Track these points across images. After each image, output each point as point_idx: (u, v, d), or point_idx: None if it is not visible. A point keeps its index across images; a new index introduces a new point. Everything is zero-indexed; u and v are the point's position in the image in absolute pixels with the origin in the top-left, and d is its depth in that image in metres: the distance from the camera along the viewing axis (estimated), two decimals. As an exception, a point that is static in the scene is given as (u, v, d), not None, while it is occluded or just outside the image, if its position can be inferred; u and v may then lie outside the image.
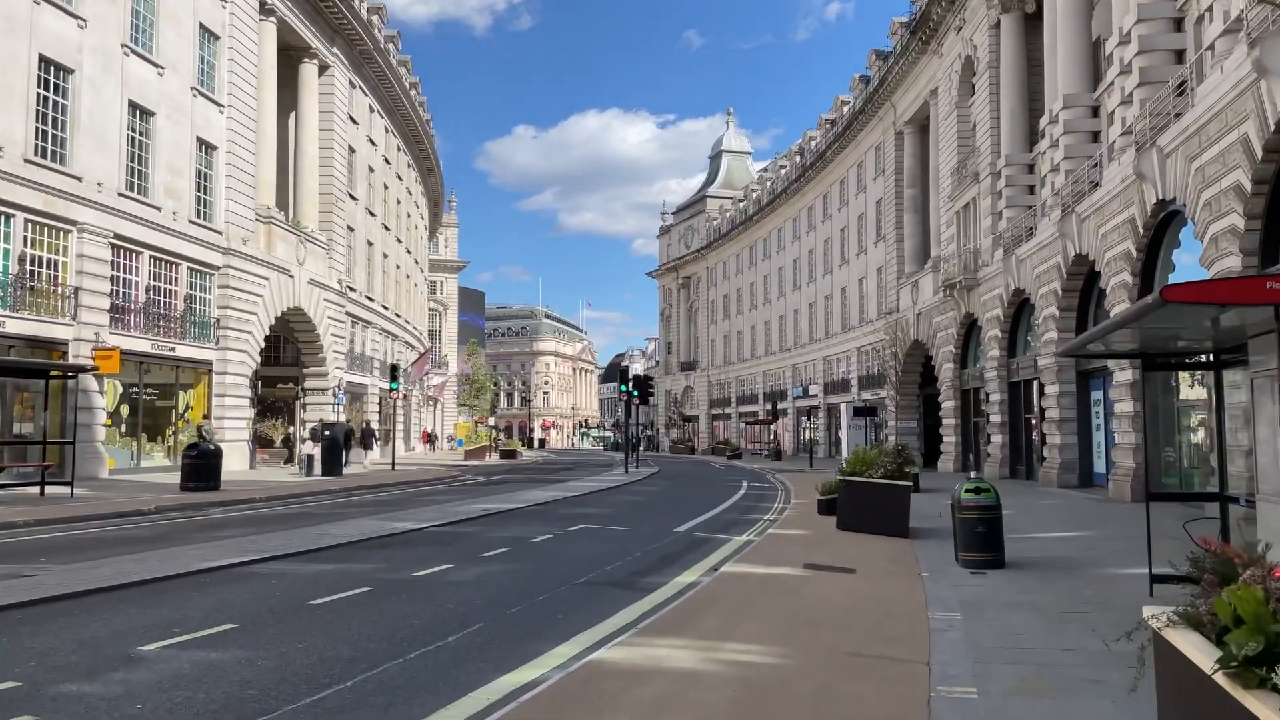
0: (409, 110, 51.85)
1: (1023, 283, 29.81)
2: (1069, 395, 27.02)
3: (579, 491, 24.24)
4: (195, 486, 21.05)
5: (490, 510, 17.51)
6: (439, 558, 11.34)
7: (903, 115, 46.12)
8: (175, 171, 28.47)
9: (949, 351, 37.77)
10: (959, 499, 11.45)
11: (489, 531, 14.15)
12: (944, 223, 39.37)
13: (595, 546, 12.72)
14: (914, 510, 17.69)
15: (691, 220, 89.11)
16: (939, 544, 13.40)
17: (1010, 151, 32.29)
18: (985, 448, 34.42)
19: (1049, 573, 10.85)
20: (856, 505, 15.08)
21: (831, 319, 58.75)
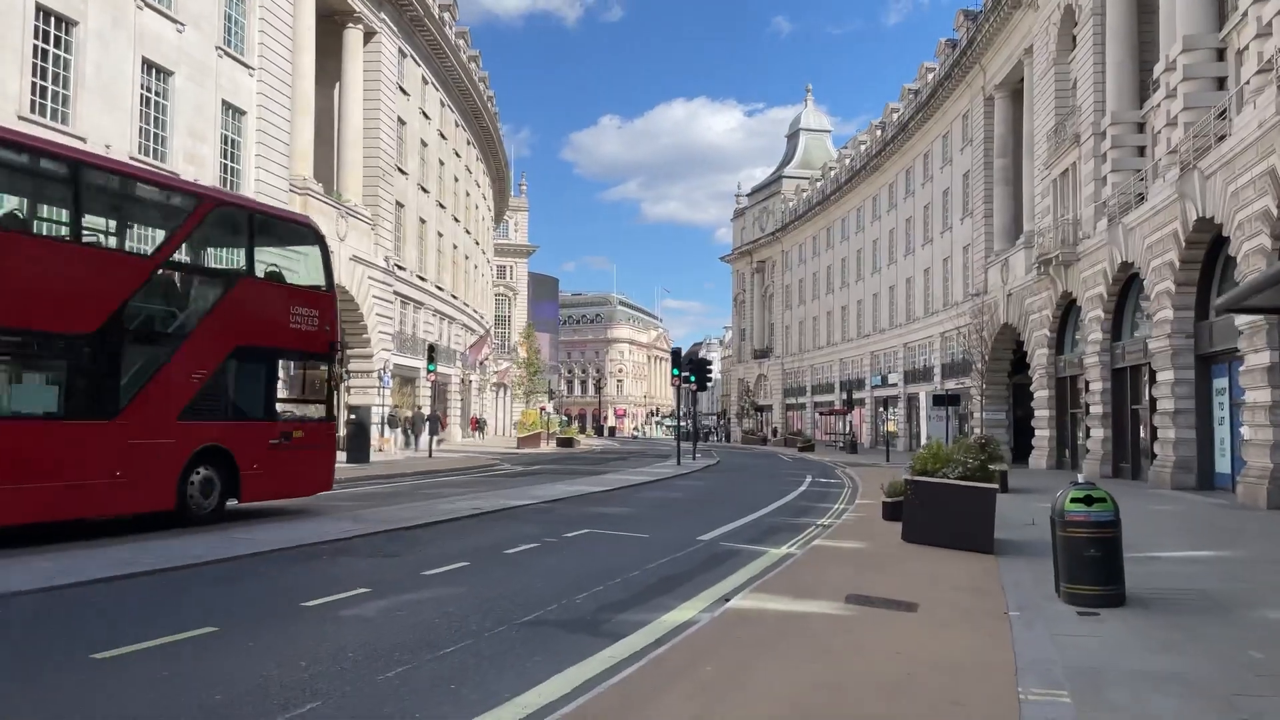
0: (467, 84, 49.81)
1: (1131, 255, 26.14)
2: (1186, 383, 23.37)
3: (610, 486, 21.63)
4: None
5: (483, 509, 15.00)
6: (367, 576, 8.83)
7: (993, 78, 42.22)
8: (197, 136, 26.68)
9: (1043, 335, 34.06)
10: (1062, 511, 8.50)
11: (457, 539, 11.52)
12: (1039, 193, 35.57)
13: (581, 562, 10.10)
14: (1000, 517, 14.65)
15: (766, 202, 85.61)
16: (1032, 564, 10.44)
17: (1117, 108, 28.49)
18: (1084, 442, 30.74)
19: (1188, 615, 7.85)
20: (927, 512, 12.13)
21: (913, 303, 54.98)
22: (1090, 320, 29.39)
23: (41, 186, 12.70)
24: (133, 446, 12.26)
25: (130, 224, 14.13)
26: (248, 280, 14.37)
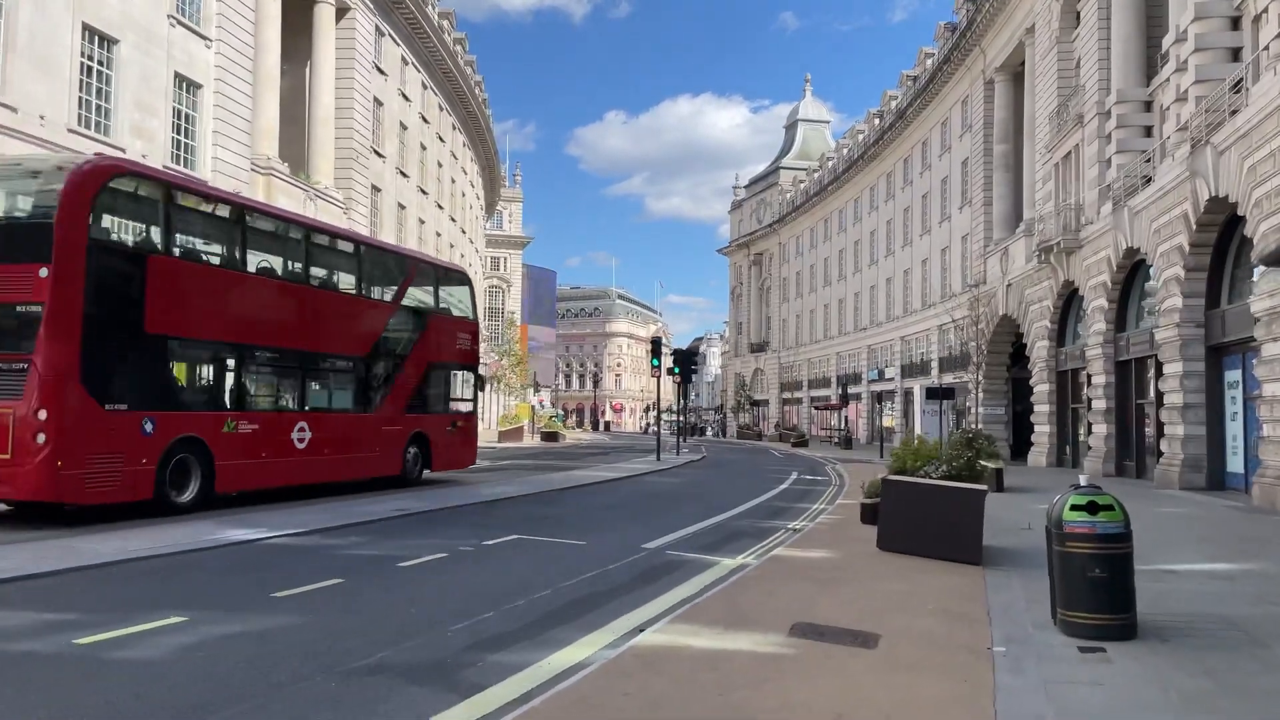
0: (451, 67, 48.15)
1: (1137, 240, 24.56)
2: (1195, 376, 21.81)
3: (572, 483, 20.11)
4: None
5: (409, 510, 13.42)
6: (203, 598, 7.28)
7: (993, 61, 40.59)
8: (146, 109, 25.10)
9: (1043, 327, 32.49)
10: (1060, 520, 6.97)
11: (351, 548, 9.89)
12: (1040, 178, 33.97)
13: (487, 578, 8.50)
14: (993, 520, 13.12)
15: (764, 194, 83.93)
16: (1026, 579, 8.92)
17: (1123, 86, 26.93)
18: (1085, 439, 29.18)
19: (1217, 652, 6.31)
20: (905, 517, 10.59)
21: (910, 295, 53.38)
22: (1093, 310, 27.82)
23: (337, 258, 18.66)
24: (382, 431, 18.40)
25: (380, 280, 19.61)
26: (436, 315, 20.72)
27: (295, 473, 15.87)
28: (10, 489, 11.58)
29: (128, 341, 12.69)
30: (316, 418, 16.43)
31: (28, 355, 11.56)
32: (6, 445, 11.43)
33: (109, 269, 12.50)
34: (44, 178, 13.02)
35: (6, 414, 11.44)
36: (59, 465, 11.43)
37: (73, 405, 11.75)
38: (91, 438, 11.93)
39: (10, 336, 11.91)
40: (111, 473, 12.19)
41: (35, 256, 11.68)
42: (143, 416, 12.73)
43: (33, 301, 11.72)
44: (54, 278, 11.63)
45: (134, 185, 13.67)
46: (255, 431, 14.90)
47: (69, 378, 11.76)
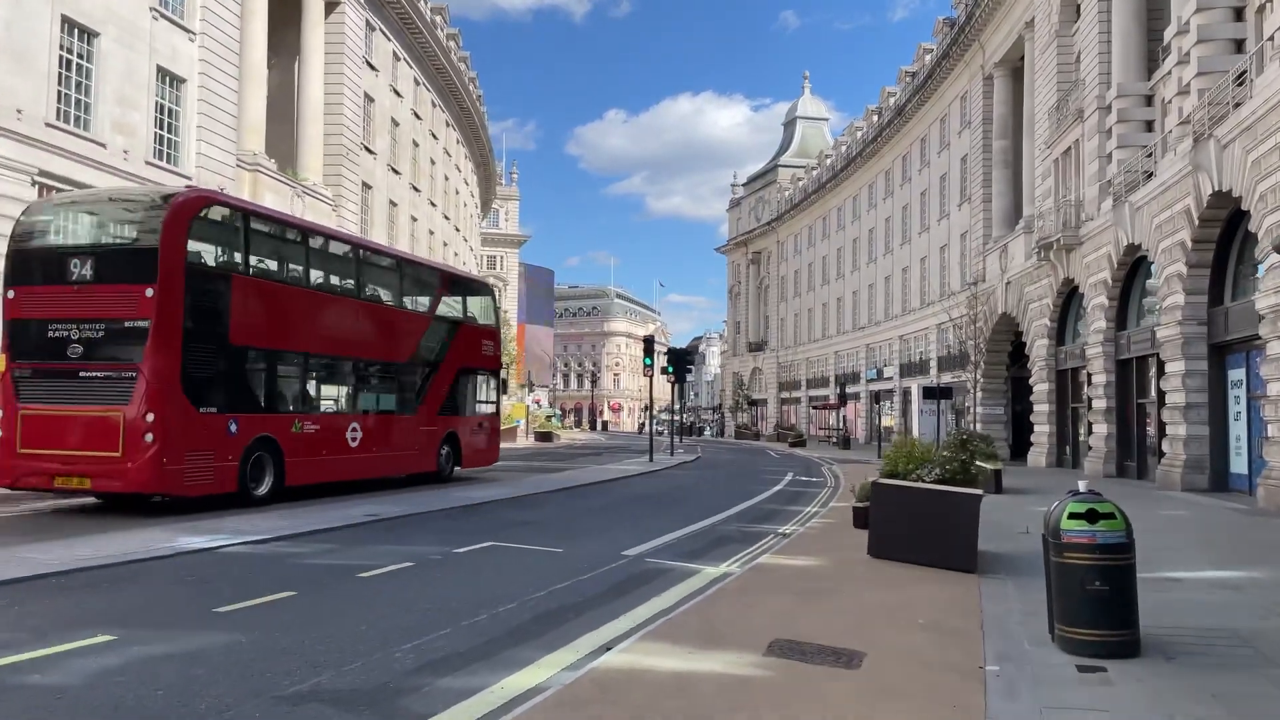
0: (444, 63, 47.64)
1: (1138, 236, 24.09)
2: (1198, 375, 21.34)
3: (557, 486, 19.66)
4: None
5: (381, 515, 12.90)
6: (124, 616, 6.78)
7: (992, 56, 40.12)
8: (127, 104, 24.62)
9: (1043, 325, 32.02)
10: (1057, 529, 6.50)
11: (310, 557, 9.36)
12: (1039, 175, 33.50)
13: (452, 590, 7.96)
14: (990, 523, 12.66)
15: (762, 192, 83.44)
16: (1023, 588, 8.46)
17: (1123, 80, 26.46)
18: (1086, 439, 28.72)
19: (1227, 672, 5.85)
20: (897, 522, 10.13)
21: (909, 293, 52.90)
22: (1093, 308, 27.35)
23: (382, 273, 20.04)
24: (420, 431, 20.00)
25: (417, 293, 21.19)
26: (464, 324, 22.37)
27: (348, 469, 17.67)
28: (120, 483, 13.02)
29: (216, 352, 14.31)
30: (366, 419, 18.20)
31: (135, 365, 13.08)
32: (117, 444, 12.87)
33: (201, 288, 14.07)
34: (146, 208, 14.53)
35: (116, 416, 12.91)
36: (164, 462, 12.96)
37: (174, 409, 13.28)
38: (189, 437, 13.49)
39: (118, 348, 13.33)
40: (205, 468, 13.79)
41: (141, 278, 13.17)
42: (229, 419, 14.36)
43: (139, 318, 13.16)
44: (158, 297, 13.13)
45: (220, 213, 15.31)
46: (317, 432, 16.60)
47: (171, 385, 13.29)
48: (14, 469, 13.37)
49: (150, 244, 13.50)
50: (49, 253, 14.20)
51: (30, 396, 13.51)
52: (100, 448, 12.99)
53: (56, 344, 13.41)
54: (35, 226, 14.60)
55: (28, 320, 13.71)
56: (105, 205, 15.43)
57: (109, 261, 13.76)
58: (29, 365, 13.64)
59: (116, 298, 13.28)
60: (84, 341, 13.36)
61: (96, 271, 13.52)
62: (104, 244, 14.39)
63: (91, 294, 13.42)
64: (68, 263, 13.68)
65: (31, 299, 13.77)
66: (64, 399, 13.36)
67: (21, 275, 14.02)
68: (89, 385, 13.32)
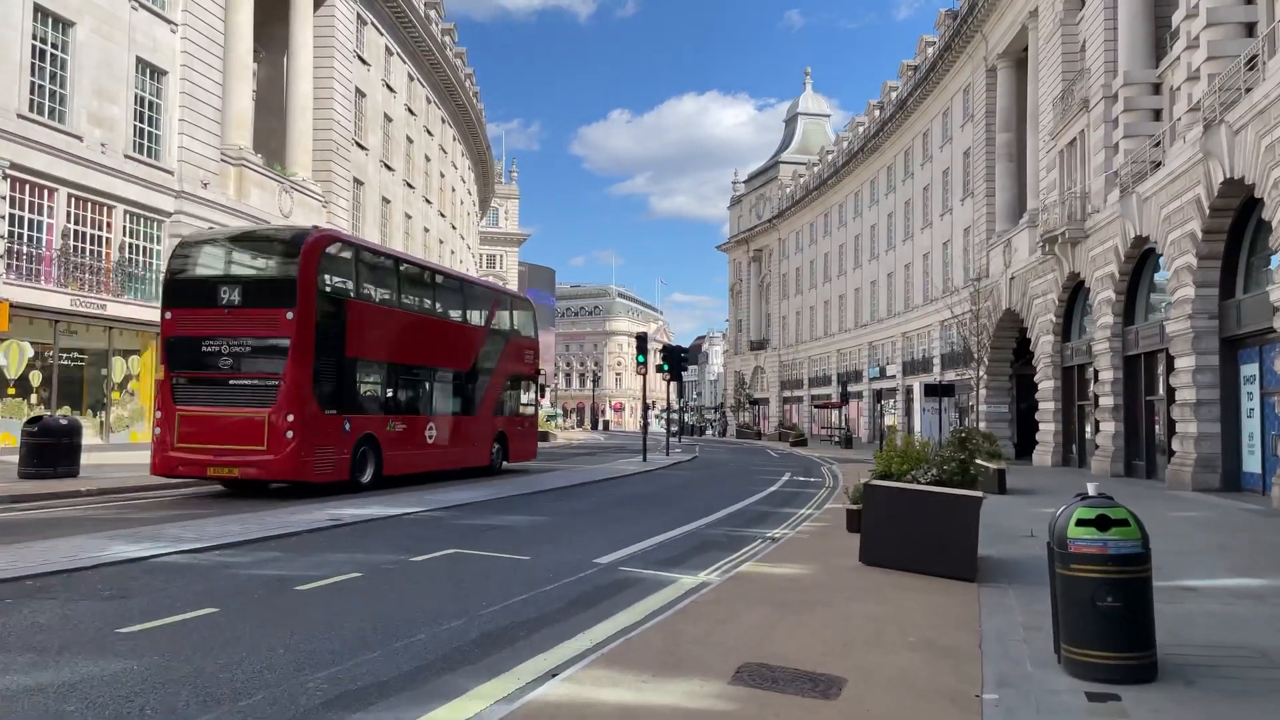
0: (439, 58, 46.94)
1: (1146, 228, 23.34)
2: (1209, 370, 20.58)
3: (542, 487, 18.90)
4: (38, 473, 16.46)
5: (343, 519, 12.06)
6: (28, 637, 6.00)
7: (995, 47, 39.34)
8: (105, 96, 24.00)
9: (1048, 321, 31.26)
10: (1064, 538, 5.79)
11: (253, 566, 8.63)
12: (1044, 167, 32.74)
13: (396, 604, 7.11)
14: (992, 525, 11.99)
15: (763, 189, 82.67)
16: (1027, 598, 7.76)
17: (1130, 68, 25.69)
18: (1093, 438, 27.96)
19: (1256, 700, 5.13)
20: (890, 526, 9.41)
21: (912, 290, 52.12)
22: (1100, 303, 26.59)
23: (451, 294, 22.68)
24: (479, 429, 22.61)
25: (477, 309, 23.62)
26: (512, 336, 24.81)
27: (426, 463, 20.33)
28: (265, 472, 15.67)
29: (336, 364, 16.90)
30: (439, 419, 20.84)
31: (277, 375, 15.72)
32: (262, 440, 15.48)
33: (326, 311, 16.63)
34: (284, 243, 17.12)
35: (261, 417, 15.51)
36: (300, 454, 15.59)
37: (308, 411, 15.89)
38: (317, 435, 16.10)
39: (263, 361, 15.95)
40: (327, 460, 16.40)
41: (282, 303, 15.87)
42: (344, 419, 16.98)
43: (281, 336, 15.80)
44: (297, 319, 15.77)
45: (339, 249, 17.94)
46: (404, 430, 19.19)
47: (306, 391, 15.92)
48: (170, 461, 15.91)
49: (289, 275, 16.16)
50: (201, 281, 16.80)
51: (186, 400, 16.08)
52: (248, 442, 15.56)
53: (209, 357, 16.08)
54: (188, 258, 17.34)
55: (183, 337, 16.34)
56: (249, 242, 18.50)
57: (254, 289, 16.50)
58: (185, 375, 16.28)
59: (261, 319, 16.02)
60: (233, 355, 16.03)
61: (243, 297, 16.25)
62: (250, 274, 17.12)
63: (239, 316, 16.11)
64: (218, 289, 16.39)
65: (186, 319, 16.38)
66: (215, 403, 16.02)
67: (177, 299, 16.65)
68: (237, 391, 16.05)
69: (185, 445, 15.83)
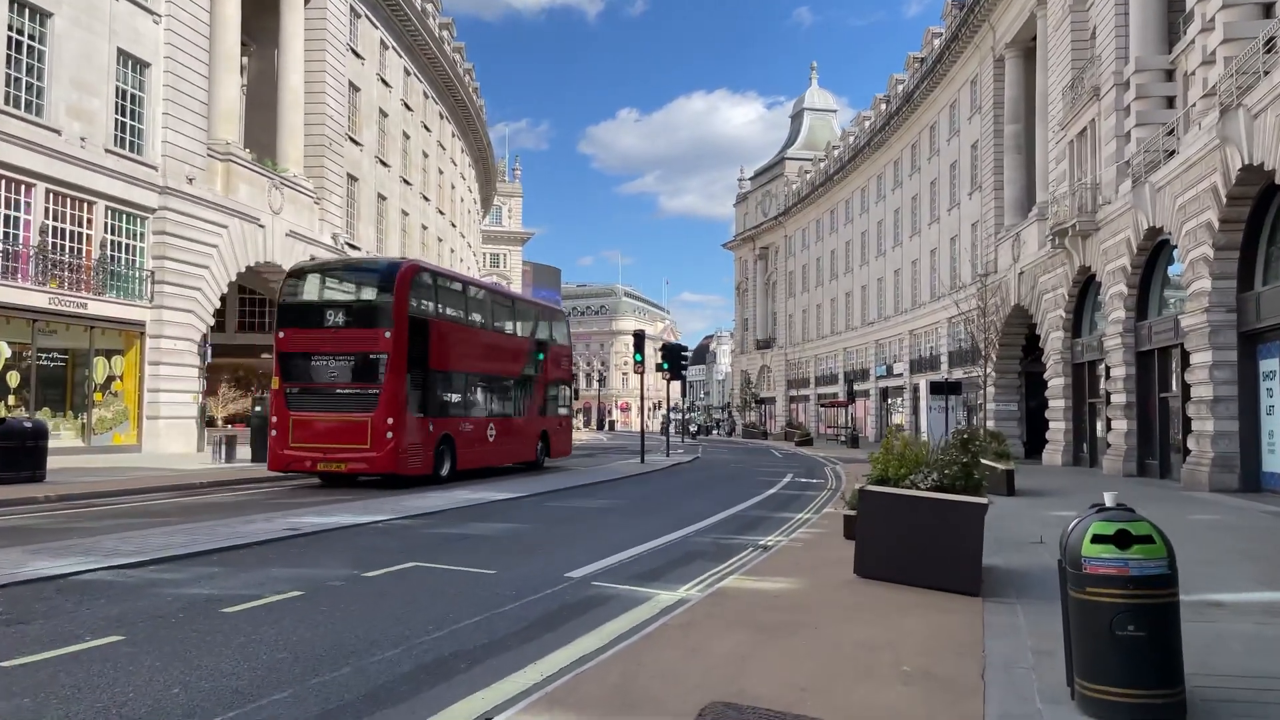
0: (436, 53, 46.28)
1: (1160, 219, 22.50)
2: (1227, 366, 19.75)
3: (528, 491, 18.04)
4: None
5: (301, 529, 11.24)
6: None
7: (1003, 37, 38.45)
8: (85, 89, 23.36)
9: (1058, 316, 30.41)
10: (1076, 555, 5.03)
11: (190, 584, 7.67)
12: (1053, 158, 31.88)
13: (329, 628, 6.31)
14: (1001, 530, 11.23)
15: (769, 185, 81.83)
16: (1036, 617, 7.02)
17: (1142, 54, 24.85)
18: (1104, 436, 27.12)
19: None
20: (887, 536, 8.65)
21: (919, 287, 51.24)
22: (1111, 297, 25.76)
23: (505, 309, 25.48)
24: (527, 429, 25.04)
25: (525, 322, 26.15)
26: (552, 345, 26.85)
27: (488, 458, 22.90)
28: (368, 467, 18.19)
29: (423, 374, 19.40)
30: (498, 420, 23.46)
31: (378, 384, 18.26)
32: (366, 439, 18.00)
33: (416, 329, 19.05)
34: (380, 274, 19.88)
35: (366, 420, 18.05)
36: (399, 451, 18.19)
37: (404, 415, 18.48)
38: (410, 435, 18.75)
39: (365, 373, 18.40)
40: (417, 456, 19.05)
41: (381, 324, 18.56)
42: (429, 421, 19.63)
43: (380, 352, 18.35)
44: (393, 337, 18.39)
45: (424, 276, 20.50)
46: (472, 430, 21.94)
47: (401, 398, 18.45)
48: (285, 458, 18.44)
49: (386, 300, 18.82)
50: (310, 305, 19.38)
51: (298, 407, 18.47)
52: (353, 442, 18.05)
53: (317, 370, 18.70)
54: (298, 285, 19.97)
55: (294, 353, 18.91)
56: (350, 271, 21.81)
57: (356, 312, 19.21)
58: (297, 385, 18.74)
59: (363, 338, 18.59)
60: (339, 368, 18.64)
61: (347, 319, 18.94)
62: (352, 300, 19.76)
63: (343, 335, 18.69)
64: (325, 312, 19.00)
65: (297, 338, 18.92)
66: (324, 408, 18.43)
67: (289, 321, 19.22)
68: (343, 399, 18.47)
69: (298, 445, 18.31)
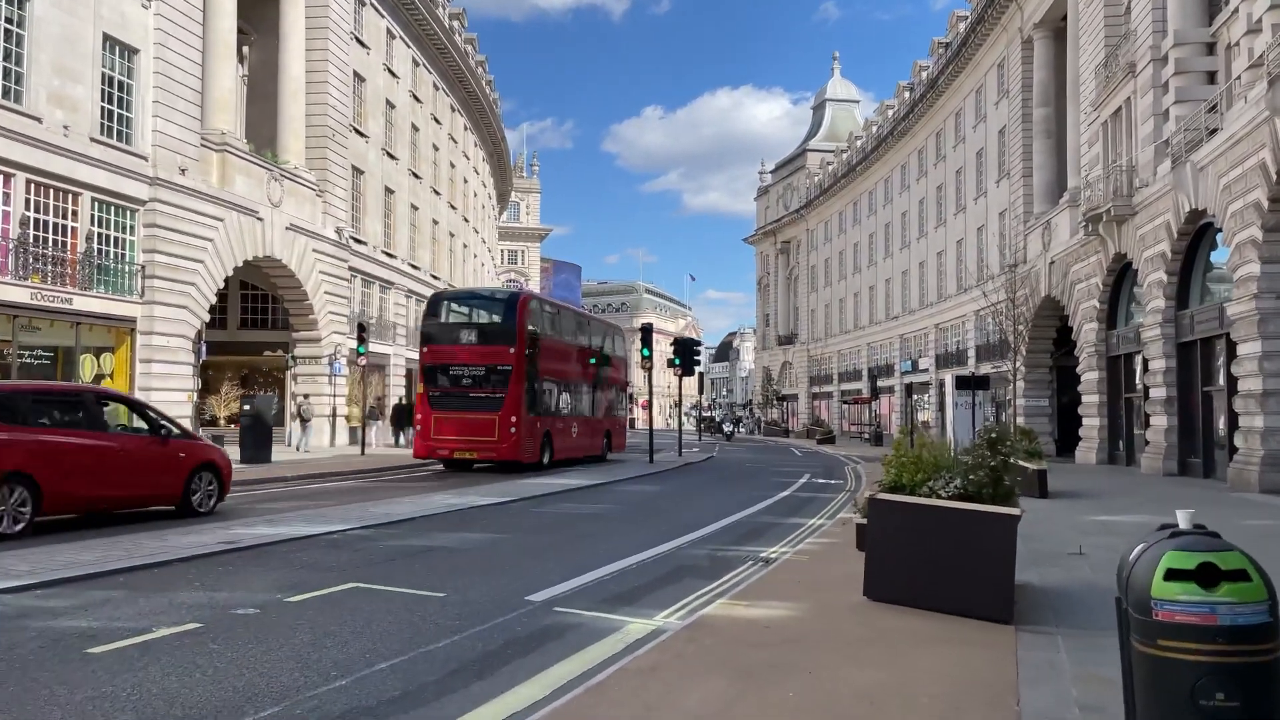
0: (446, 43, 45.20)
1: (1202, 200, 21.00)
2: (1277, 357, 18.27)
3: (518, 495, 16.60)
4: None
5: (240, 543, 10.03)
6: None
7: (1031, 16, 36.86)
8: (68, 75, 22.43)
9: (1091, 307, 28.89)
10: (1144, 593, 3.75)
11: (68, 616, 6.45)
12: (1085, 141, 30.32)
13: (199, 678, 4.98)
14: (1032, 539, 9.97)
15: (790, 178, 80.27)
16: (1080, 655, 5.79)
17: (1181, 26, 23.30)
18: (1142, 433, 25.61)
19: None
20: (902, 552, 7.41)
21: (945, 279, 49.66)
22: (1150, 285, 24.25)
23: (584, 326, 29.45)
24: (598, 427, 29.04)
25: (594, 334, 29.58)
26: (613, 356, 30.37)
27: (572, 451, 26.64)
28: (495, 455, 22.74)
29: (534, 381, 23.72)
30: (579, 419, 27.47)
31: (504, 390, 22.83)
32: (494, 433, 22.54)
33: (530, 346, 23.39)
34: (504, 302, 25.32)
35: (493, 418, 22.55)
36: (519, 443, 22.69)
37: (523, 414, 22.87)
38: (527, 430, 23.05)
39: (493, 380, 22.96)
40: (530, 447, 23.29)
41: (506, 342, 23.26)
42: (537, 420, 23.94)
43: (506, 364, 22.96)
44: (516, 353, 22.97)
45: (535, 303, 25.74)
46: (564, 427, 26.03)
47: (521, 401, 22.87)
48: (429, 447, 23.41)
49: (510, 323, 23.76)
50: (448, 325, 24.65)
51: (439, 407, 23.26)
52: (483, 435, 22.73)
53: (455, 378, 23.49)
54: (437, 310, 25.15)
55: (436, 365, 23.79)
56: (479, 299, 27.75)
57: (487, 332, 24.19)
58: (438, 390, 23.52)
59: (492, 353, 23.31)
60: (472, 377, 23.30)
61: (479, 338, 24.04)
62: (483, 322, 24.86)
63: (476, 351, 23.61)
64: (460, 332, 24.33)
65: (439, 352, 23.84)
66: (459, 408, 23.06)
67: (431, 339, 24.23)
68: (475, 401, 23.03)
69: (438, 437, 23.13)
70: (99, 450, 11.66)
